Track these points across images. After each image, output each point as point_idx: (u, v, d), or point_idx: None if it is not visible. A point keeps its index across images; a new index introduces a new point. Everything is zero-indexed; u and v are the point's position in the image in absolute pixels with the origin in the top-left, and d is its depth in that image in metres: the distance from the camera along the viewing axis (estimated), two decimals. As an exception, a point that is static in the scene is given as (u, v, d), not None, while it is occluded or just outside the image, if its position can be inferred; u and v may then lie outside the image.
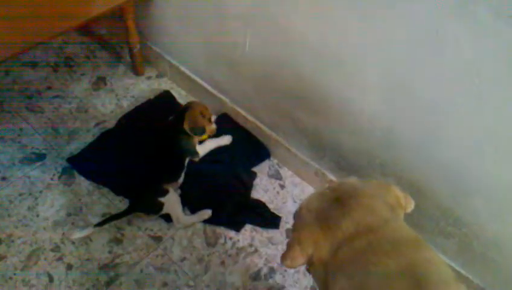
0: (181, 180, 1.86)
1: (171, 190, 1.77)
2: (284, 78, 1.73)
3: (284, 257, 1.03)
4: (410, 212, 1.11)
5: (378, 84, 1.44)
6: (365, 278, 0.88)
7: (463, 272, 1.60)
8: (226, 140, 2.02)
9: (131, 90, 2.26)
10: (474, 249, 1.52)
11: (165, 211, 1.73)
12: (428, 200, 1.53)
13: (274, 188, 1.97)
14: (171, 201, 1.74)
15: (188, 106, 1.94)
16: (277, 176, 2.01)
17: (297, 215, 1.07)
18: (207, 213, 1.79)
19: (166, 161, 1.85)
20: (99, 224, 1.67)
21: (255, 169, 2.02)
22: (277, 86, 1.80)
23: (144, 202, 1.75)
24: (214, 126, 2.00)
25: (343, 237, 0.93)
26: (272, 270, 1.70)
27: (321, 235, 0.96)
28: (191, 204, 1.84)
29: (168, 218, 1.77)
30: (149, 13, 2.14)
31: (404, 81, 1.37)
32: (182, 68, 2.20)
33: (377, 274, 0.87)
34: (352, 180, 1.08)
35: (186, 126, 1.87)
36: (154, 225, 1.77)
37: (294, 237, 1.02)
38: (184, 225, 1.76)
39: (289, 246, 1.02)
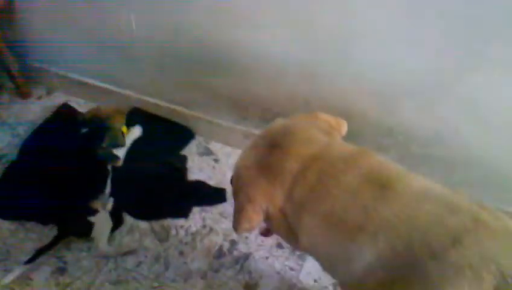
0: (108, 190, 1.71)
1: (101, 210, 1.63)
2: (181, 49, 1.65)
3: (238, 222, 0.97)
4: (347, 138, 1.10)
5: (279, 21, 1.41)
6: (331, 203, 0.85)
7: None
8: (136, 132, 1.92)
9: (24, 115, 2.05)
10: (413, 152, 1.56)
11: (93, 233, 1.57)
12: (359, 120, 1.54)
13: (208, 165, 1.89)
14: (101, 222, 1.60)
15: (107, 122, 1.81)
16: (207, 152, 1.94)
17: (235, 177, 1.01)
18: (128, 246, 1.61)
19: (87, 176, 1.69)
20: (30, 260, 1.50)
21: (183, 152, 1.92)
22: (177, 59, 1.71)
23: (72, 224, 1.59)
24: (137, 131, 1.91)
25: (291, 177, 0.89)
26: (233, 243, 1.63)
27: (269, 184, 0.91)
28: (130, 208, 1.71)
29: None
30: (16, 29, 1.94)
31: (300, 13, 1.35)
32: (72, 75, 2.04)
33: (341, 193, 0.85)
34: (278, 122, 1.04)
35: (105, 144, 1.75)
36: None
37: (241, 198, 0.96)
38: (100, 254, 1.57)
39: (239, 209, 0.96)
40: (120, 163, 1.80)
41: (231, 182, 1.09)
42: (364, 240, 0.80)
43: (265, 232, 1.25)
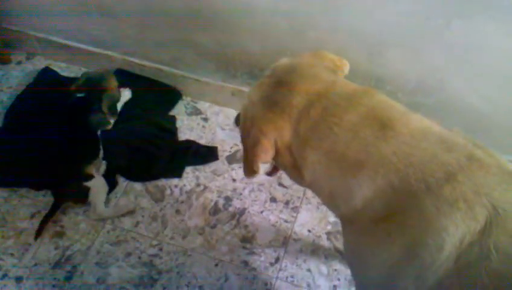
0: (101, 154, 1.71)
1: (96, 175, 1.62)
2: (166, 4, 1.61)
3: (255, 154, 0.96)
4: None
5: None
6: (333, 141, 0.87)
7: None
8: (127, 95, 1.88)
9: (5, 81, 2.00)
10: (401, 101, 1.57)
11: (90, 198, 1.58)
12: (349, 72, 1.55)
13: (198, 124, 1.89)
14: (97, 186, 1.60)
15: (102, 83, 1.76)
16: (196, 112, 1.93)
17: (243, 116, 1.01)
18: (126, 207, 1.62)
19: (80, 141, 1.67)
20: (37, 235, 1.52)
21: (172, 113, 1.92)
22: (161, 15, 1.67)
23: (68, 190, 1.59)
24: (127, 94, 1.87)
25: (298, 112, 0.91)
26: (228, 199, 1.66)
27: (278, 119, 0.92)
28: (122, 171, 1.72)
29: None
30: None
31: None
32: (53, 38, 1.98)
33: (343, 131, 0.86)
34: (284, 60, 1.04)
35: (104, 107, 1.71)
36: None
37: (254, 132, 0.95)
38: (99, 217, 1.59)
39: (254, 143, 0.95)
40: (110, 126, 1.78)
41: (236, 123, 1.11)
42: (364, 176, 0.83)
43: (270, 171, 1.27)
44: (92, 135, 1.70)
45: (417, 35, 1.40)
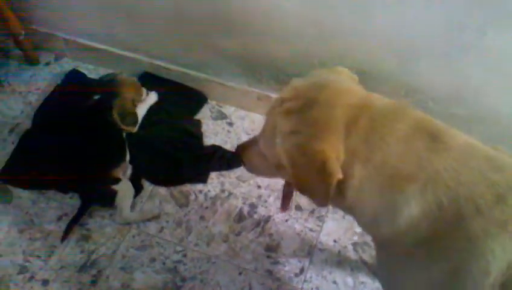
0: (127, 157, 1.71)
1: (123, 178, 1.63)
2: (192, 8, 1.61)
3: (324, 182, 0.84)
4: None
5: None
6: (385, 152, 0.81)
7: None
8: (152, 98, 1.88)
9: (34, 83, 2.02)
10: (432, 110, 1.55)
11: (116, 201, 1.58)
12: (378, 79, 1.52)
13: (223, 129, 1.88)
14: (123, 190, 1.60)
15: (117, 90, 1.72)
16: (222, 116, 1.92)
17: (283, 150, 0.89)
18: (151, 212, 1.62)
19: (105, 144, 1.68)
20: (64, 237, 1.55)
21: (197, 117, 1.91)
22: (189, 19, 1.67)
23: (95, 193, 1.61)
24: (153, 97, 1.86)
25: (345, 126, 0.83)
26: (252, 207, 1.65)
27: (330, 135, 0.84)
28: (149, 175, 1.72)
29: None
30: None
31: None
32: (81, 40, 1.99)
33: (396, 141, 0.81)
34: (300, 82, 0.95)
35: (115, 115, 1.67)
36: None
37: (309, 158, 0.85)
38: (125, 221, 1.59)
39: (319, 170, 0.83)
40: (135, 130, 1.78)
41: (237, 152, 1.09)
42: (413, 191, 0.78)
43: (283, 202, 1.24)
44: (117, 137, 1.71)
45: (450, 44, 1.36)
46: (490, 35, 1.27)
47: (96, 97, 1.72)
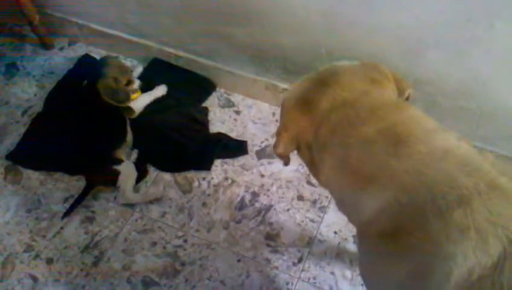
0: (129, 137, 1.74)
1: (126, 160, 1.66)
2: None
3: (275, 146, 1.03)
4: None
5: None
6: (347, 151, 0.87)
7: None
8: (161, 91, 1.88)
9: (48, 67, 2.07)
10: (440, 104, 1.52)
11: (119, 182, 1.61)
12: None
13: (230, 117, 1.89)
14: (126, 171, 1.63)
15: (101, 71, 1.72)
16: (229, 104, 1.93)
17: (281, 106, 1.06)
18: (154, 194, 1.64)
19: (106, 125, 1.71)
20: (66, 214, 1.58)
21: (204, 104, 1.92)
22: (198, 8, 1.67)
23: (98, 174, 1.64)
24: (136, 85, 1.81)
25: (321, 116, 0.92)
26: (254, 195, 1.66)
27: (302, 119, 0.96)
28: (154, 160, 1.75)
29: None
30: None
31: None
32: (94, 26, 2.01)
33: (357, 142, 0.86)
34: (342, 62, 1.05)
35: (105, 98, 1.67)
36: (122, 191, 1.67)
37: (280, 124, 1.02)
38: (127, 202, 1.62)
39: (277, 134, 1.02)
40: (135, 115, 1.80)
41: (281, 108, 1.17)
42: (373, 191, 0.82)
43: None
44: (117, 118, 1.73)
45: (458, 36, 1.33)
46: (498, 27, 1.24)
47: (84, 83, 1.75)
